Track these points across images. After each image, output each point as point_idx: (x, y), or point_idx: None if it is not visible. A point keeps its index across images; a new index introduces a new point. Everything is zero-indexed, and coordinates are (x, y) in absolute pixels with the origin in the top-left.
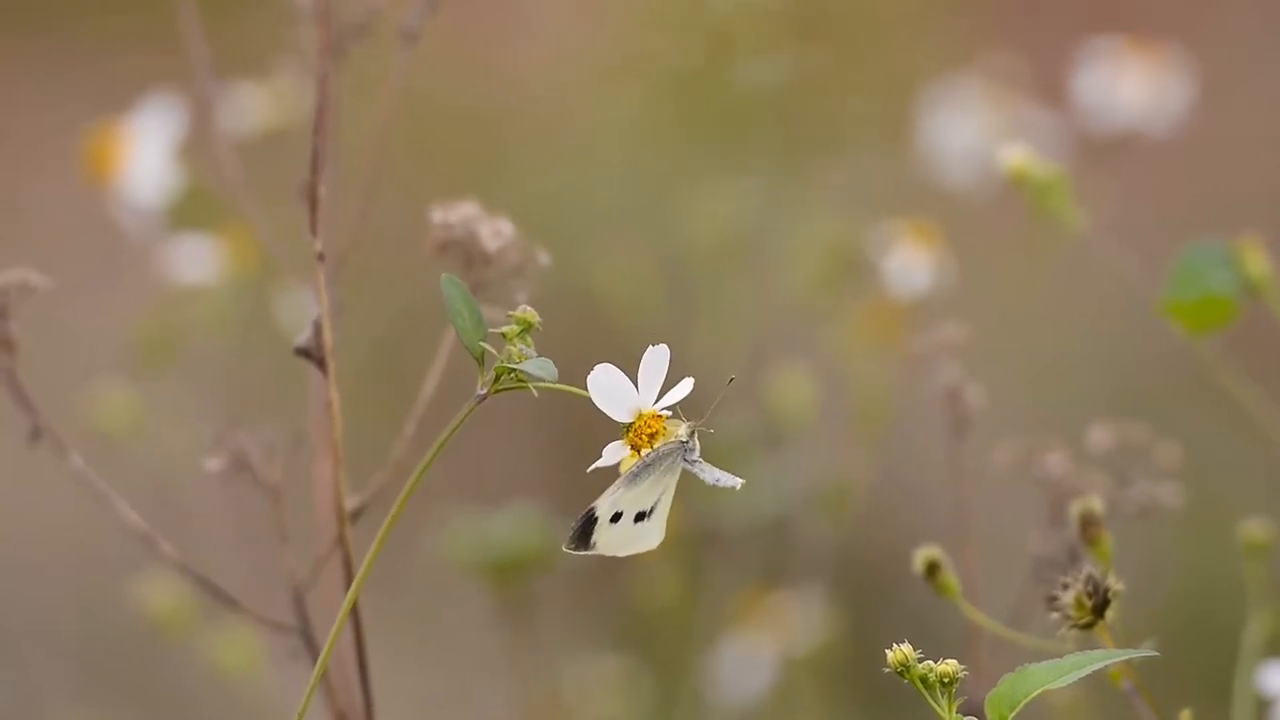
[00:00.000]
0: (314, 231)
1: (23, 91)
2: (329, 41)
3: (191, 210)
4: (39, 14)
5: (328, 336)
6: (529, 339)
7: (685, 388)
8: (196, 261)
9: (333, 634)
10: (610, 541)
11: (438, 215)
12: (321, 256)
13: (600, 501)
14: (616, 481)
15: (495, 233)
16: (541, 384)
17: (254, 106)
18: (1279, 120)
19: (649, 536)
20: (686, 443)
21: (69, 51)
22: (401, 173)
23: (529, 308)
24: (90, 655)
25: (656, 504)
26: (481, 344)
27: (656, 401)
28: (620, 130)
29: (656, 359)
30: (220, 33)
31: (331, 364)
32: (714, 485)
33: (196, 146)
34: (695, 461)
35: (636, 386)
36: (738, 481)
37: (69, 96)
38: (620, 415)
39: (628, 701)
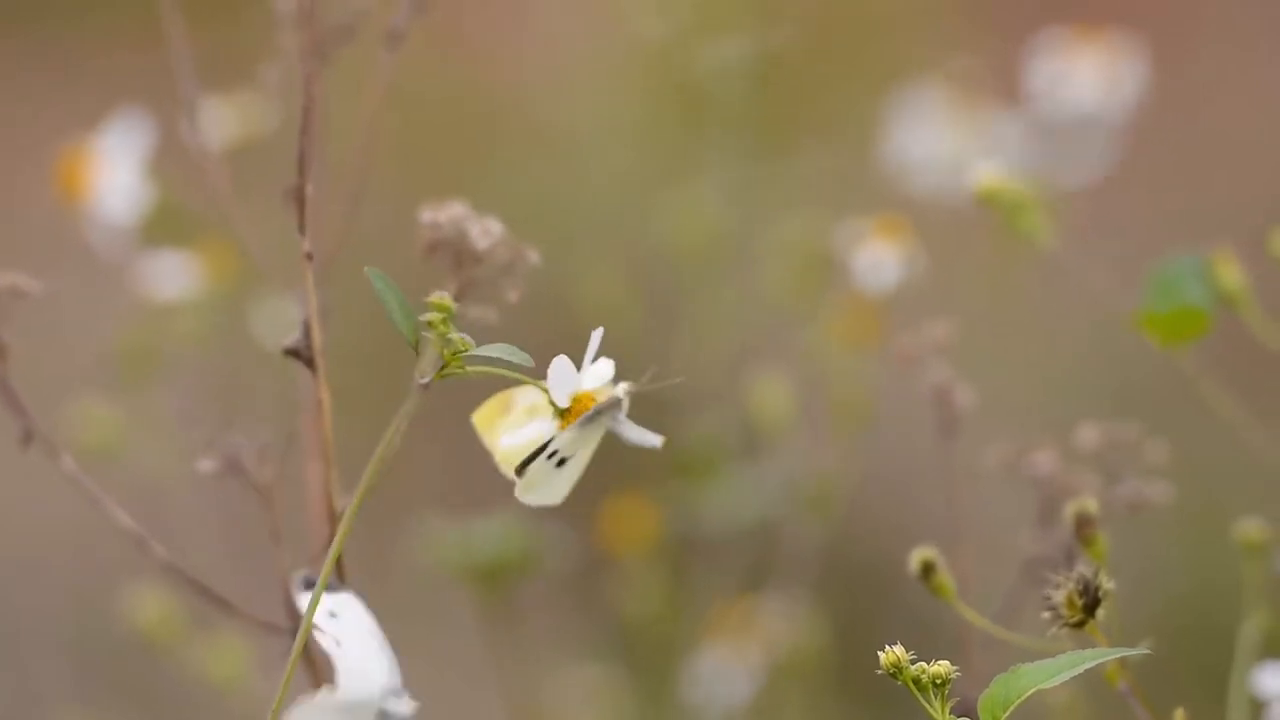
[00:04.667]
0: (302, 231)
1: (19, 87)
2: (314, 43)
3: (167, 224)
4: (38, 10)
5: (317, 336)
6: (448, 325)
7: (606, 369)
8: (173, 277)
9: (305, 624)
10: (528, 476)
11: (427, 215)
12: (310, 257)
13: (563, 434)
14: (576, 421)
15: (485, 232)
16: (481, 369)
17: (236, 111)
18: (1267, 120)
19: (556, 488)
20: (622, 400)
21: (67, 49)
22: (390, 173)
23: (445, 294)
24: (87, 656)
25: (576, 455)
26: (418, 331)
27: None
28: (613, 129)
29: (594, 342)
30: (209, 32)
31: (322, 363)
32: (636, 443)
33: (178, 152)
34: (619, 420)
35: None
36: (658, 440)
37: (66, 93)
38: (564, 401)
39: (611, 709)
